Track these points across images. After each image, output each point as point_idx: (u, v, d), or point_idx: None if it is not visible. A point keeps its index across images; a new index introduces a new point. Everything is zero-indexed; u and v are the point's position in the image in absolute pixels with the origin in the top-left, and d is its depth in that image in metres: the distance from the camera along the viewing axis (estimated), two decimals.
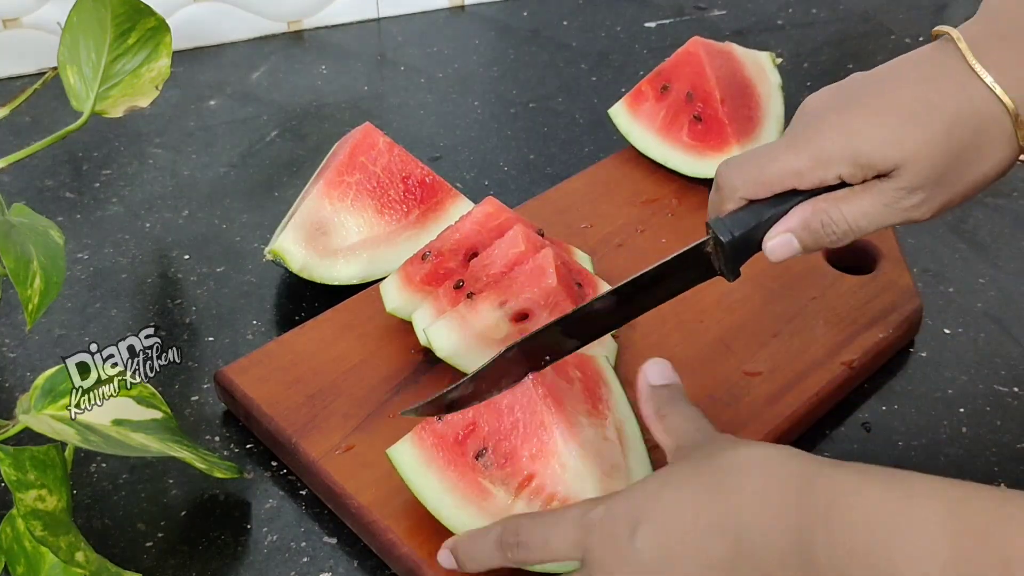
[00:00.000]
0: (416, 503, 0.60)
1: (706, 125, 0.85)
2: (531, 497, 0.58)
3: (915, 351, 0.75)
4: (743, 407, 0.67)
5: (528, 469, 0.59)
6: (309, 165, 0.93)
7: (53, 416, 0.56)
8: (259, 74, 1.06)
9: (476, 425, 0.60)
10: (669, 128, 0.86)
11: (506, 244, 0.70)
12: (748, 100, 0.87)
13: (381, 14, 1.14)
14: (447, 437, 0.60)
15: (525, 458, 0.59)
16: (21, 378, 0.73)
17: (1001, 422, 0.70)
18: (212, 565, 0.61)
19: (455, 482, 0.59)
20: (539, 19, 1.15)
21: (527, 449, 0.59)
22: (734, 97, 0.86)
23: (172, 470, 0.67)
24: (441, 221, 0.79)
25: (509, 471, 0.59)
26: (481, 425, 0.60)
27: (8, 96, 0.74)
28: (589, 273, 0.73)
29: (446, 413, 0.59)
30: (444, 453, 0.60)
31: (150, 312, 0.78)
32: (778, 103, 0.88)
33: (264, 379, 0.69)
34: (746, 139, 0.85)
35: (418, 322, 0.70)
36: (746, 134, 0.85)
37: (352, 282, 0.77)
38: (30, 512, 0.52)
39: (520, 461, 0.59)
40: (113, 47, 0.74)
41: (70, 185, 0.91)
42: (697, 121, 0.85)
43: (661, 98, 0.88)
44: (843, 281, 0.76)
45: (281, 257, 0.76)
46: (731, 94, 0.86)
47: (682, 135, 0.86)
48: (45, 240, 0.60)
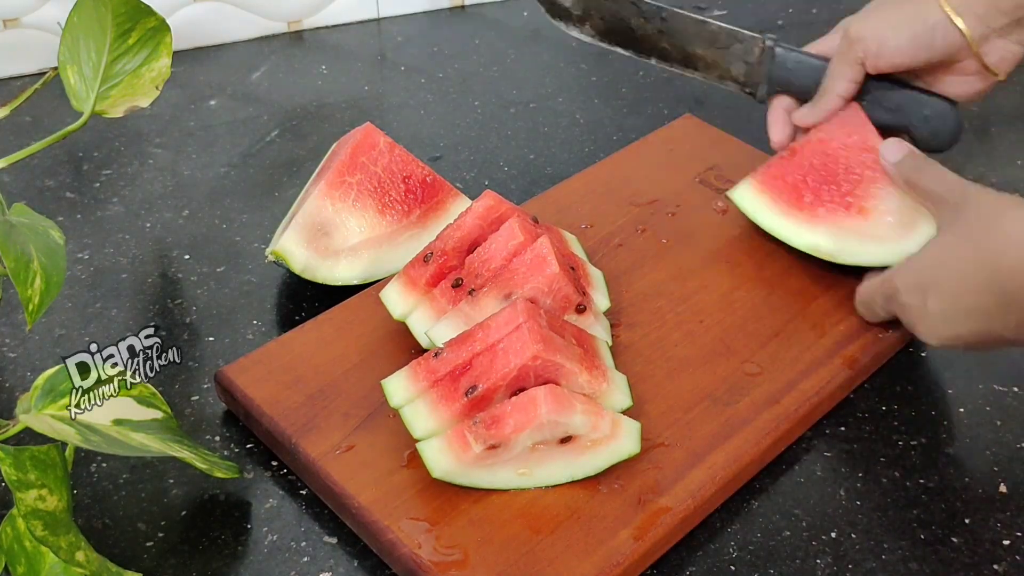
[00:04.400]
0: (418, 503, 0.60)
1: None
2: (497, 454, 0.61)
3: (915, 351, 0.75)
4: (743, 407, 0.67)
5: (508, 435, 0.60)
6: (309, 165, 0.93)
7: (53, 416, 0.56)
8: (259, 74, 1.06)
9: (471, 366, 0.62)
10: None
11: (504, 236, 0.69)
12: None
13: (381, 14, 1.14)
14: (440, 372, 0.62)
15: (510, 427, 0.60)
16: (21, 378, 0.73)
17: (1001, 422, 0.70)
18: (212, 565, 0.61)
19: (443, 424, 0.62)
20: (539, 19, 1.15)
21: (514, 419, 0.60)
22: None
23: (172, 470, 0.67)
24: (442, 220, 0.79)
25: (493, 432, 0.60)
26: (475, 366, 0.62)
27: (8, 96, 0.74)
28: (579, 257, 0.74)
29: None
30: (437, 388, 0.63)
31: (150, 312, 0.79)
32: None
33: (264, 379, 0.69)
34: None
35: (417, 327, 0.70)
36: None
37: (354, 282, 0.77)
38: (31, 512, 0.52)
39: (504, 429, 0.60)
40: (113, 47, 0.74)
41: (70, 185, 0.91)
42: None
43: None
44: (844, 280, 0.76)
45: (283, 258, 0.76)
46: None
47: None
48: (45, 240, 0.60)
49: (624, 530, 0.60)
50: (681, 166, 0.87)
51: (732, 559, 0.62)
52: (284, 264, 0.76)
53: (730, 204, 0.80)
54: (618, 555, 0.59)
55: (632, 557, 0.59)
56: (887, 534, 0.64)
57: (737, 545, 0.63)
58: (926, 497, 0.66)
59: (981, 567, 0.62)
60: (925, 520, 0.64)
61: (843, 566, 0.62)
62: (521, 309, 0.63)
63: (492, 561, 0.58)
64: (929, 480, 0.67)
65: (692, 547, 0.62)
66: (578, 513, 0.61)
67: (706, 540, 0.63)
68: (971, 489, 0.66)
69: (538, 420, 0.60)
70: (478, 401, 0.62)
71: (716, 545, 0.63)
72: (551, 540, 0.60)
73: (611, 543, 0.59)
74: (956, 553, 0.63)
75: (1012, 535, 0.64)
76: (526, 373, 0.61)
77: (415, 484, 0.62)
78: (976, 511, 0.65)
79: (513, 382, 0.62)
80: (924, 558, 0.62)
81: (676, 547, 0.62)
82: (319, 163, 0.86)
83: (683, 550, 0.62)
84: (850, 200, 0.74)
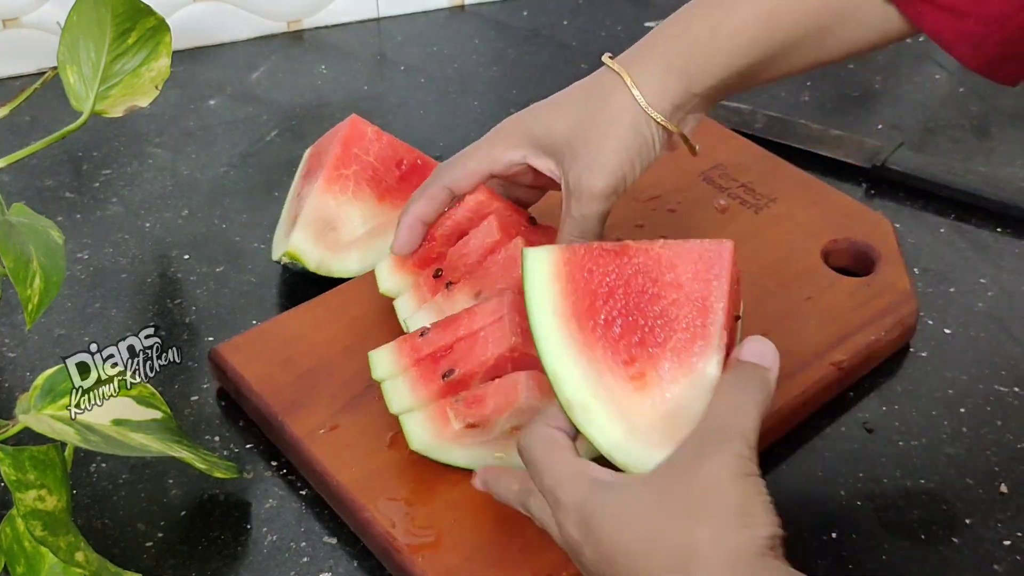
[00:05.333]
0: (396, 484, 0.61)
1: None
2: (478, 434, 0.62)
3: (915, 351, 0.75)
4: None
5: (487, 416, 0.61)
6: None
7: (53, 416, 0.56)
8: (259, 74, 1.05)
9: (452, 349, 0.63)
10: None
11: (481, 233, 0.69)
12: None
13: (381, 14, 1.14)
14: (423, 352, 0.63)
15: (490, 408, 0.61)
16: (21, 378, 0.73)
17: (1001, 422, 0.70)
18: (212, 565, 0.61)
19: (421, 403, 0.63)
20: (539, 19, 1.15)
21: (494, 400, 0.61)
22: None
23: (172, 470, 0.67)
24: None
25: (474, 411, 0.61)
26: (456, 350, 0.63)
27: (8, 96, 0.74)
28: None
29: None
30: (419, 367, 0.63)
31: (150, 312, 0.78)
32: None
33: (256, 358, 0.70)
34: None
35: (400, 311, 0.71)
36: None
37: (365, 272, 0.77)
38: (30, 512, 0.52)
39: (484, 409, 0.61)
40: (113, 47, 0.74)
41: (70, 185, 0.91)
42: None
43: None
44: (840, 283, 0.76)
45: (297, 258, 0.76)
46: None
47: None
48: (45, 240, 0.60)
49: None
50: (685, 163, 0.87)
51: None
52: (299, 264, 0.77)
53: (729, 204, 0.80)
54: None
55: None
56: (887, 534, 0.64)
57: None
58: (926, 497, 0.66)
59: (981, 567, 0.62)
60: (925, 520, 0.64)
61: (843, 566, 0.62)
62: (507, 301, 0.63)
63: (464, 543, 0.59)
64: (929, 480, 0.67)
65: None
66: None
67: None
68: (971, 489, 0.66)
69: (518, 404, 0.60)
70: (455, 385, 0.62)
71: None
72: (524, 525, 0.59)
73: None
74: (956, 553, 0.63)
75: (1012, 535, 0.63)
76: (503, 363, 0.62)
77: (395, 465, 0.63)
78: (976, 511, 0.65)
79: (490, 371, 0.62)
80: (924, 558, 0.62)
81: None
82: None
83: None
84: (635, 354, 0.54)
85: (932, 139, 0.97)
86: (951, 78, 1.05)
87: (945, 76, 1.05)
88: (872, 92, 1.02)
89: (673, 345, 0.53)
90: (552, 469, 0.51)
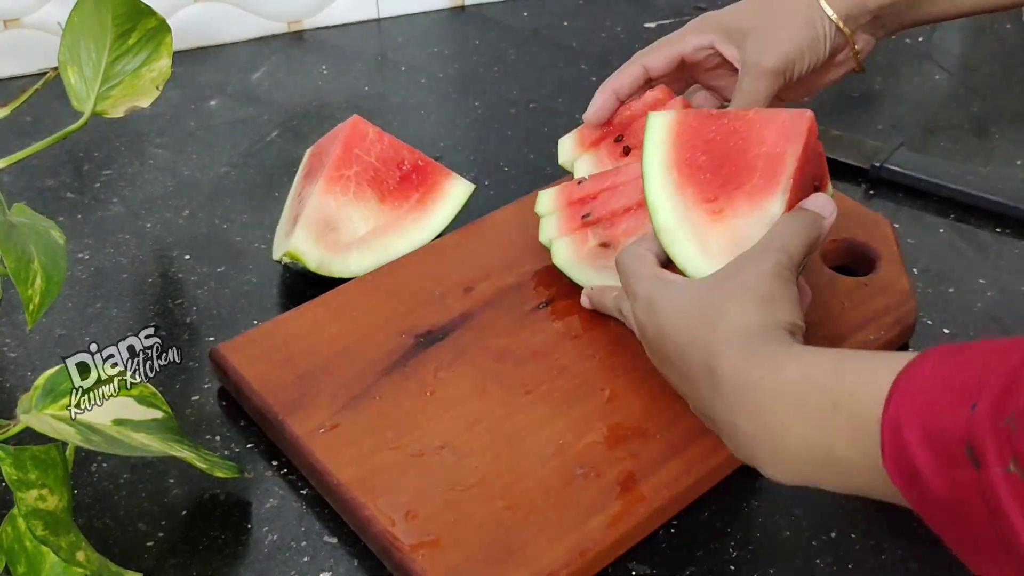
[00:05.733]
0: (397, 483, 0.62)
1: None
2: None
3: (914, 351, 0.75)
4: None
5: (617, 236, 0.72)
6: None
7: (54, 416, 0.57)
8: (259, 74, 1.06)
9: (597, 198, 0.74)
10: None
11: (648, 98, 0.78)
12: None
13: (381, 14, 1.14)
14: (574, 196, 0.75)
15: (620, 230, 0.72)
16: (22, 378, 0.73)
17: None
18: (213, 565, 0.62)
19: (571, 229, 0.74)
20: (539, 19, 1.15)
21: (625, 224, 0.72)
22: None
23: (173, 470, 0.67)
24: (440, 202, 0.81)
25: (608, 232, 0.73)
26: (600, 198, 0.74)
27: (9, 96, 0.74)
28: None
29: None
30: (570, 208, 0.75)
31: (150, 312, 0.79)
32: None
33: (257, 357, 0.70)
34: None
35: (578, 172, 0.79)
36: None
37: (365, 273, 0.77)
38: (31, 512, 0.53)
39: (616, 230, 0.72)
40: (114, 47, 0.74)
41: (71, 185, 0.91)
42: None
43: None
44: (838, 282, 0.76)
45: (298, 258, 0.77)
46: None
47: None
48: (46, 240, 0.61)
49: (597, 516, 0.61)
50: None
51: (732, 559, 0.62)
52: (300, 264, 0.77)
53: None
54: (589, 541, 0.59)
55: (604, 544, 0.60)
56: (887, 534, 0.64)
57: (737, 545, 0.63)
58: None
59: None
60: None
61: (843, 566, 0.62)
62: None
63: (465, 542, 0.59)
64: None
65: (692, 547, 0.63)
66: (553, 499, 0.61)
67: (706, 540, 0.63)
68: None
69: (645, 229, 0.68)
70: (591, 224, 0.74)
71: (716, 545, 0.63)
72: (525, 524, 0.60)
73: (584, 529, 0.60)
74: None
75: None
76: (632, 212, 0.72)
77: (396, 465, 0.63)
78: None
79: (621, 217, 0.72)
80: (924, 558, 0.62)
81: (676, 547, 0.62)
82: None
83: (683, 550, 0.62)
84: (718, 194, 0.65)
85: (932, 139, 0.97)
86: (951, 78, 1.05)
87: (945, 76, 1.05)
88: (872, 92, 1.02)
89: (749, 188, 0.64)
90: (636, 273, 0.63)
